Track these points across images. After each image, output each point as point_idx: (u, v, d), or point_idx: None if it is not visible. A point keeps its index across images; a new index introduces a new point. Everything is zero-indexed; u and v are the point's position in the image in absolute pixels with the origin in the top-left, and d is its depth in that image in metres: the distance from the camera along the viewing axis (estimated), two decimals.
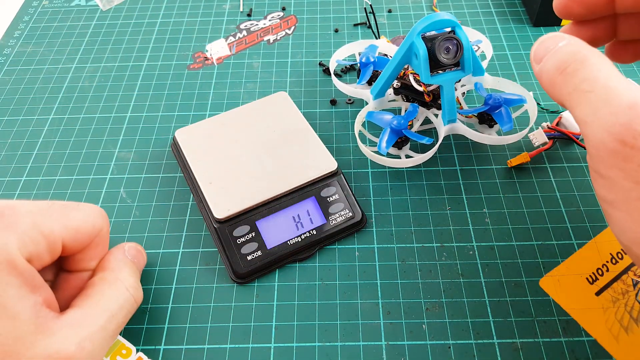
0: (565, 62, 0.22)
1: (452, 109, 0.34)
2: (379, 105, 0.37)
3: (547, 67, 0.23)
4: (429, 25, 0.31)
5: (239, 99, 0.43)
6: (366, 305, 0.30)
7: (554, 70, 0.23)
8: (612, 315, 0.29)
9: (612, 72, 0.21)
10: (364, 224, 0.34)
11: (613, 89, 0.20)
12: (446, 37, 0.30)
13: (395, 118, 0.34)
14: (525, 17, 0.49)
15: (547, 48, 0.24)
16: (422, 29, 0.31)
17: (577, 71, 0.22)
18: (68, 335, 0.23)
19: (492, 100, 0.34)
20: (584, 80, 0.21)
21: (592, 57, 0.22)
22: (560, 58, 0.23)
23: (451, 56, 0.31)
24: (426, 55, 0.31)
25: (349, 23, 0.49)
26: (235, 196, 0.33)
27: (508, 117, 0.35)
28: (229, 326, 0.30)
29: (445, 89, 0.33)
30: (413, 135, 0.34)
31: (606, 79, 0.21)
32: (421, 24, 0.31)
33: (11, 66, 0.47)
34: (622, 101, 0.20)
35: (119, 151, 0.39)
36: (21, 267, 0.22)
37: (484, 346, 0.29)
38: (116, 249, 0.29)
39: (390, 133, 0.34)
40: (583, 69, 0.22)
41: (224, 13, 0.51)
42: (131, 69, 0.46)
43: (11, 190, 0.37)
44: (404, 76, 0.37)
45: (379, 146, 0.34)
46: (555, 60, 0.23)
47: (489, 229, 0.33)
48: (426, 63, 0.31)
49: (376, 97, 0.37)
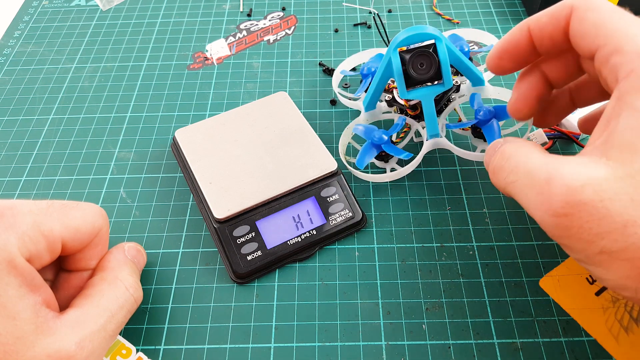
0: (495, 164, 0.25)
1: (433, 124, 0.33)
2: (371, 118, 0.37)
3: (489, 171, 0.26)
4: (406, 39, 0.30)
5: (239, 99, 0.43)
6: (366, 305, 0.30)
7: (490, 174, 0.26)
8: (612, 315, 0.29)
9: (530, 154, 0.23)
10: (364, 224, 0.34)
11: (533, 171, 0.22)
12: (419, 52, 0.30)
13: (376, 132, 0.34)
14: (525, 17, 0.49)
15: (489, 152, 0.27)
16: (399, 43, 0.30)
17: (502, 167, 0.25)
18: (68, 335, 0.23)
19: (483, 113, 0.33)
20: (509, 173, 0.24)
21: (510, 148, 0.25)
22: (492, 162, 0.26)
23: (424, 71, 0.30)
24: (400, 71, 0.30)
25: (349, 23, 0.49)
26: (235, 196, 0.33)
27: (498, 132, 0.33)
28: (229, 326, 0.30)
29: (424, 103, 0.32)
30: (391, 150, 0.34)
31: (525, 164, 0.23)
32: (398, 37, 0.30)
33: (11, 66, 0.47)
34: (541, 179, 0.22)
35: (119, 151, 0.39)
36: (21, 267, 0.22)
37: (484, 346, 0.29)
38: (116, 249, 0.29)
39: (369, 147, 0.34)
40: (507, 163, 0.24)
41: (224, 13, 0.51)
42: (131, 69, 0.46)
43: (11, 190, 0.37)
44: (389, 89, 0.36)
45: (357, 160, 0.34)
46: (491, 166, 0.26)
47: (489, 229, 0.33)
48: (400, 78, 0.30)
49: (367, 109, 0.36)
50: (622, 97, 0.21)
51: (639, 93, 0.21)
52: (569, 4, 0.25)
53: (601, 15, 0.23)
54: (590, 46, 0.24)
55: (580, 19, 0.24)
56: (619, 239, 0.19)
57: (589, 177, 0.20)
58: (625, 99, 0.21)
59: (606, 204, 0.19)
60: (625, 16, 0.23)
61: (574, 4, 0.25)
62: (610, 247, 0.20)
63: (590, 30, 0.24)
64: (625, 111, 0.21)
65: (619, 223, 0.19)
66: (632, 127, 0.20)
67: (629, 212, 0.19)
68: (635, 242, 0.19)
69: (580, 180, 0.20)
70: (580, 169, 0.21)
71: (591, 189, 0.20)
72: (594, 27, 0.23)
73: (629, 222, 0.19)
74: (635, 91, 0.21)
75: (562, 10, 0.25)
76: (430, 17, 0.49)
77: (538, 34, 0.27)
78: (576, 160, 0.22)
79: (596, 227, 0.20)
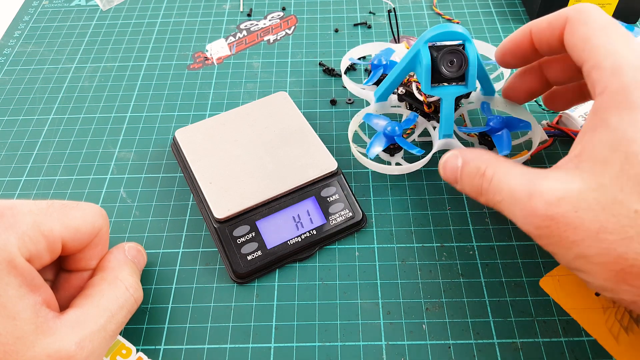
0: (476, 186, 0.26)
1: (449, 125, 0.32)
2: (380, 109, 0.37)
3: (467, 190, 0.27)
4: (438, 35, 0.30)
5: (239, 99, 0.43)
6: (366, 305, 0.30)
7: (474, 194, 0.27)
8: (612, 315, 0.29)
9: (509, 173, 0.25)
10: (364, 224, 0.34)
11: (514, 190, 0.24)
12: (452, 49, 0.29)
13: (389, 124, 0.34)
14: (525, 17, 0.49)
15: (452, 168, 0.28)
16: (429, 38, 0.30)
17: (487, 190, 0.26)
18: (68, 335, 0.23)
19: (494, 122, 0.33)
20: (494, 194, 0.25)
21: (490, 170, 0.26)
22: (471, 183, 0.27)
23: (454, 69, 0.30)
24: (429, 65, 0.30)
25: (349, 23, 0.49)
26: (235, 196, 0.33)
27: (508, 142, 0.33)
28: (229, 326, 0.30)
29: (444, 102, 0.31)
30: (404, 144, 0.34)
31: (508, 184, 0.24)
32: (430, 32, 0.30)
33: (11, 66, 0.47)
34: (523, 196, 0.23)
35: (119, 151, 0.39)
36: (21, 267, 0.22)
37: (484, 346, 0.29)
38: (116, 249, 0.29)
39: (382, 138, 0.34)
40: (490, 186, 0.25)
41: (224, 13, 0.51)
42: (131, 69, 0.46)
43: (11, 190, 0.37)
44: (407, 83, 0.36)
45: (368, 149, 0.34)
46: (469, 186, 0.27)
47: (489, 229, 0.33)
48: (428, 72, 0.30)
49: (378, 100, 0.36)
50: (596, 112, 0.23)
51: (611, 109, 0.22)
52: (564, 14, 0.26)
53: (590, 30, 0.24)
54: (579, 59, 0.25)
55: (571, 32, 0.25)
56: (592, 244, 0.21)
57: (564, 191, 0.22)
58: (600, 115, 0.22)
59: (580, 214, 0.21)
60: (613, 32, 0.24)
61: (568, 15, 0.25)
62: (586, 253, 0.21)
63: (579, 44, 0.24)
64: (599, 126, 0.22)
65: (592, 230, 0.21)
66: (604, 141, 0.22)
67: (600, 220, 0.21)
68: (607, 247, 0.20)
69: (557, 195, 0.22)
70: (557, 184, 0.22)
71: (567, 202, 0.21)
72: (582, 41, 0.24)
73: (600, 229, 0.21)
74: (608, 108, 0.22)
75: (558, 19, 0.26)
76: (430, 17, 0.49)
77: (538, 38, 0.28)
78: (553, 175, 0.23)
79: (572, 236, 0.21)
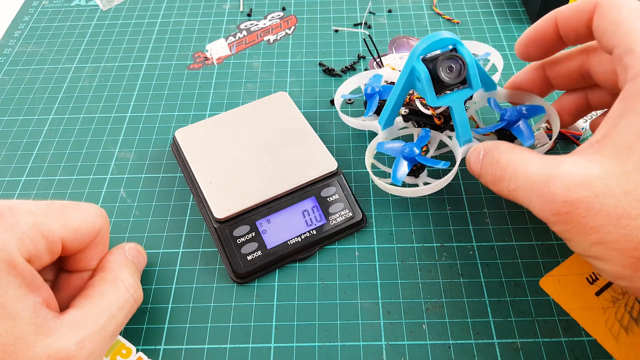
0: (491, 175, 0.27)
1: (466, 129, 0.32)
2: (389, 135, 0.36)
3: (486, 181, 0.27)
4: (428, 47, 0.29)
5: (239, 99, 0.43)
6: (366, 305, 0.30)
7: (491, 184, 0.27)
8: (612, 315, 0.29)
9: (526, 160, 0.25)
10: (364, 224, 0.34)
11: (531, 176, 0.24)
12: (447, 56, 0.29)
13: (406, 145, 0.33)
14: (525, 17, 0.49)
15: (475, 162, 0.28)
16: (422, 51, 0.29)
17: (502, 177, 0.26)
18: (68, 335, 0.23)
19: (509, 114, 0.33)
20: (510, 181, 0.25)
21: (505, 157, 0.26)
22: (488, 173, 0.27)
23: (455, 75, 0.29)
24: (428, 78, 0.29)
25: (349, 23, 0.49)
26: (235, 196, 0.33)
27: (529, 131, 0.32)
28: (229, 326, 0.30)
29: (455, 109, 0.31)
30: (427, 161, 0.33)
31: (524, 171, 0.24)
32: (420, 46, 0.29)
33: (11, 66, 0.47)
34: (540, 183, 0.23)
35: (119, 151, 0.39)
36: (21, 267, 0.22)
37: (484, 346, 0.29)
38: (116, 249, 0.29)
39: (402, 161, 0.33)
40: (505, 173, 0.25)
41: (224, 13, 0.51)
42: (131, 69, 0.46)
43: (11, 190, 0.37)
44: (410, 102, 0.35)
45: (393, 177, 0.32)
46: (487, 176, 0.27)
47: (489, 229, 0.33)
48: (430, 85, 0.29)
49: (385, 127, 0.35)
50: (626, 98, 0.22)
51: None
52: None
53: (621, 14, 0.23)
54: (608, 44, 0.24)
55: (602, 16, 0.24)
56: (613, 230, 0.20)
57: (584, 176, 0.21)
58: (629, 101, 0.22)
59: (601, 199, 0.21)
60: None
61: (598, 0, 0.25)
62: (605, 239, 0.21)
63: (610, 29, 0.24)
64: (628, 113, 0.21)
65: (613, 216, 0.20)
66: (631, 128, 0.21)
67: (623, 206, 0.20)
68: (627, 233, 0.20)
69: (577, 180, 0.21)
70: (576, 168, 0.22)
71: (587, 187, 0.21)
72: (613, 26, 0.24)
73: (622, 215, 0.20)
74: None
75: (587, 4, 0.26)
76: (430, 17, 0.49)
77: (564, 25, 0.27)
78: (572, 160, 0.22)
79: (591, 222, 0.21)
